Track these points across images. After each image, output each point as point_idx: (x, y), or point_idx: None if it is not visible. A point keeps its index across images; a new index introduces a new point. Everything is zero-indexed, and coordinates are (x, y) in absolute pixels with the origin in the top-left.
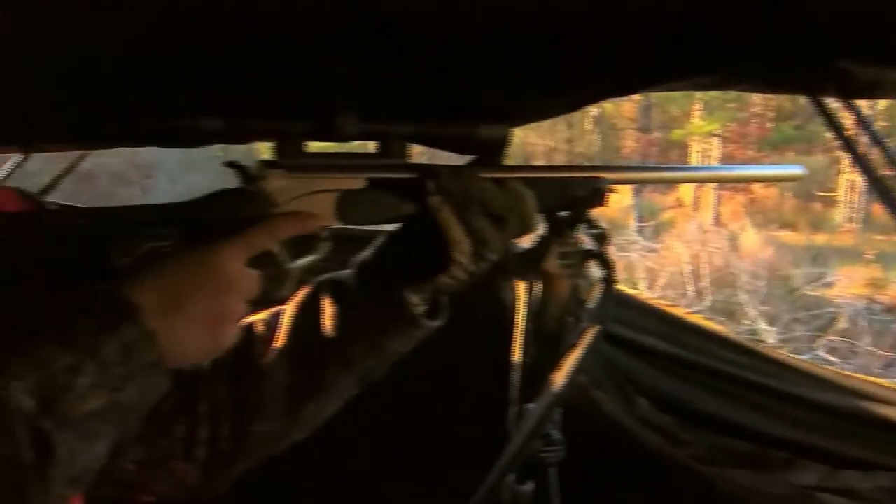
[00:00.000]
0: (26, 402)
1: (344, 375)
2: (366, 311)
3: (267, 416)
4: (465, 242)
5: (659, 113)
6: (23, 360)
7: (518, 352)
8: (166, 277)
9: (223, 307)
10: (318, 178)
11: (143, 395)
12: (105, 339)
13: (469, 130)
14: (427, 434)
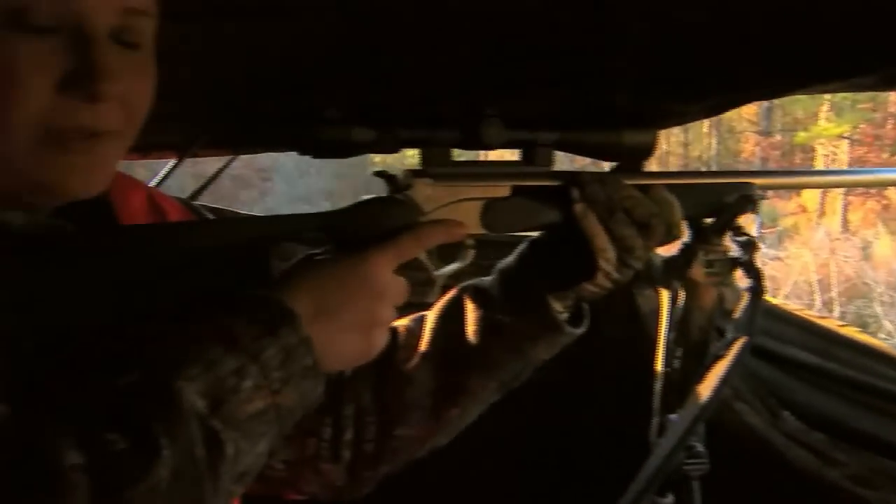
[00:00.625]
0: (198, 403)
1: (487, 381)
2: (509, 317)
3: (410, 421)
4: (609, 250)
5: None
6: (193, 362)
7: (660, 361)
8: (321, 284)
9: (375, 314)
10: (464, 187)
11: (300, 399)
12: (267, 344)
13: (614, 137)
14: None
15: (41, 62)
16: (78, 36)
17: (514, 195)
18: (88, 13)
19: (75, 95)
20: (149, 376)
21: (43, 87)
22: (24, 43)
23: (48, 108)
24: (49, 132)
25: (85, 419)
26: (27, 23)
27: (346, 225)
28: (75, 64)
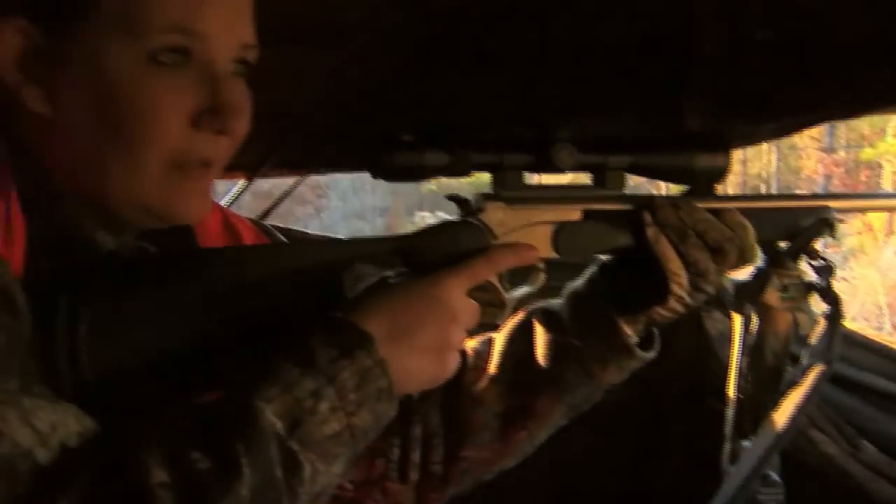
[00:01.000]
0: (277, 424)
1: (556, 404)
2: (579, 340)
3: (478, 442)
4: (682, 274)
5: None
6: (272, 383)
7: (732, 386)
8: (395, 307)
9: (448, 337)
10: (536, 210)
11: (374, 420)
12: (343, 366)
13: (686, 160)
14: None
15: (175, 99)
16: (206, 73)
17: (586, 219)
18: (214, 52)
19: (206, 130)
20: (230, 396)
21: (178, 122)
22: (159, 81)
23: (179, 142)
24: (174, 163)
25: (169, 438)
26: (161, 62)
27: (420, 248)
28: (205, 100)
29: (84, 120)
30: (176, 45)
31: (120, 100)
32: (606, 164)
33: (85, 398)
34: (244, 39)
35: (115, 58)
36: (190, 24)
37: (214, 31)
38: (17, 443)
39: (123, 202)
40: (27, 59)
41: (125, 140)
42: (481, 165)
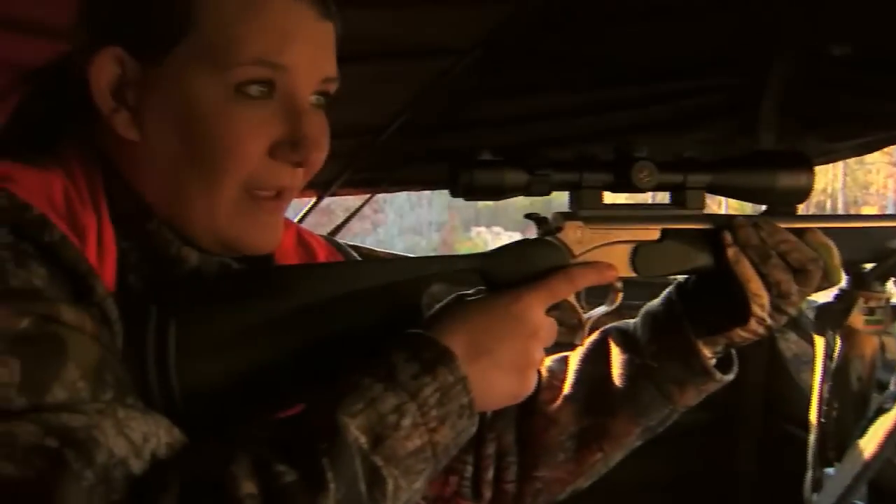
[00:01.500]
0: (361, 438)
1: (632, 426)
2: (656, 361)
3: (552, 463)
4: (764, 296)
5: None
6: (356, 398)
7: (814, 412)
8: (475, 324)
9: (527, 354)
10: (614, 229)
11: (455, 437)
12: (425, 383)
13: (768, 179)
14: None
15: (257, 130)
16: (287, 105)
17: (665, 238)
18: (297, 86)
19: (283, 161)
20: (313, 411)
21: (257, 152)
22: (242, 112)
23: (256, 170)
24: (248, 191)
25: (255, 450)
26: (245, 94)
27: (498, 266)
28: (285, 132)
29: (167, 145)
30: (261, 77)
31: (203, 127)
32: (686, 182)
33: (173, 409)
34: (326, 73)
35: (201, 87)
36: (275, 58)
37: (298, 64)
38: (112, 452)
39: (200, 227)
40: (119, 85)
41: (205, 166)
42: (560, 184)
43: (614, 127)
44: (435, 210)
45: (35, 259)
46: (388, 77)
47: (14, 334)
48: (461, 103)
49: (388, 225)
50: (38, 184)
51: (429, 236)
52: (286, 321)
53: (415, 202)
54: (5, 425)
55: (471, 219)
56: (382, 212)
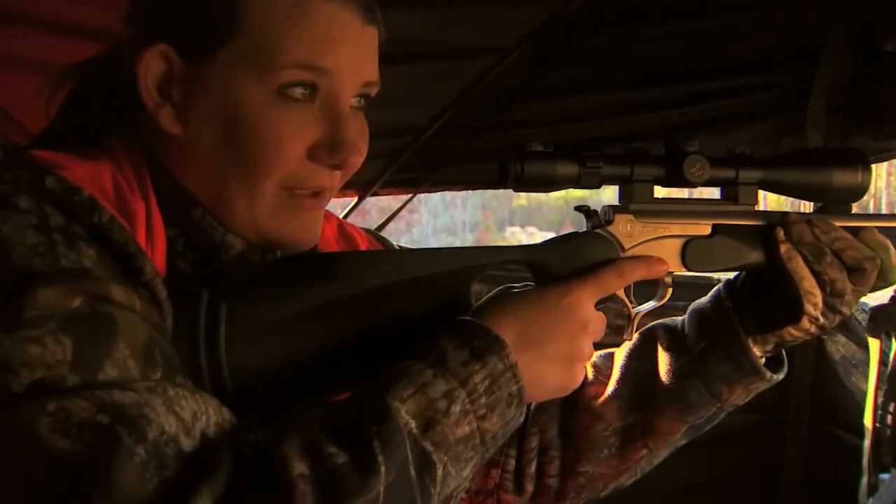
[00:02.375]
0: (411, 423)
1: (678, 423)
2: (704, 359)
3: (595, 458)
4: (817, 294)
5: None
6: (407, 383)
7: (869, 416)
8: (524, 314)
9: (576, 347)
10: (665, 224)
11: (503, 425)
12: (475, 370)
13: (823, 176)
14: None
15: (297, 132)
16: (328, 108)
17: (716, 234)
18: (340, 89)
19: (321, 162)
20: (363, 395)
21: (296, 153)
22: (283, 113)
23: (295, 171)
24: (287, 190)
25: (306, 431)
26: (287, 95)
27: (547, 258)
28: (325, 135)
29: (210, 141)
30: (303, 80)
31: (244, 127)
32: (738, 178)
33: (223, 391)
34: (368, 77)
35: (244, 88)
36: (319, 62)
37: (341, 68)
38: (163, 429)
39: (241, 222)
40: (165, 81)
41: (245, 165)
42: (611, 177)
43: (659, 126)
44: (469, 210)
45: (84, 240)
46: (431, 77)
47: (66, 313)
48: (503, 103)
49: (423, 225)
50: (87, 172)
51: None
52: (336, 307)
53: (448, 202)
54: (59, 402)
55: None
56: (417, 212)
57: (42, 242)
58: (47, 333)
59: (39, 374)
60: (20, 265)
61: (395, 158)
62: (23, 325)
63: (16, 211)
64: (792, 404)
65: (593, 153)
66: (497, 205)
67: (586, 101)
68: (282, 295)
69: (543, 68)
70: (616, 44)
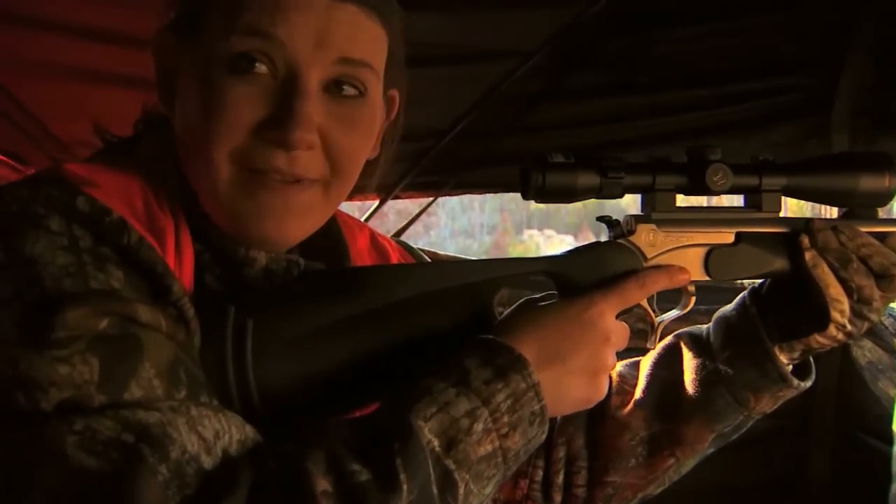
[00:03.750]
0: (434, 441)
1: (706, 432)
2: (730, 367)
3: (622, 468)
4: (844, 301)
5: None
6: (429, 402)
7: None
8: (547, 329)
9: (599, 360)
10: (687, 233)
11: (525, 443)
12: (498, 389)
13: (849, 181)
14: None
15: (244, 104)
16: (289, 85)
17: (739, 242)
18: (300, 65)
19: (268, 140)
20: (386, 412)
21: (238, 126)
22: (236, 85)
23: (243, 148)
24: (248, 171)
25: (330, 448)
26: (246, 69)
27: (570, 269)
28: (276, 110)
29: (179, 119)
30: (253, 48)
31: (199, 99)
32: (761, 185)
33: (250, 407)
34: (341, 52)
35: (204, 61)
36: (268, 27)
37: (297, 39)
38: (185, 448)
39: (210, 210)
40: (171, 73)
41: (196, 139)
42: (633, 187)
43: (681, 129)
44: (487, 213)
45: (113, 262)
46: (452, 80)
47: (94, 334)
48: (525, 106)
49: (440, 227)
50: (117, 187)
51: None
52: (361, 321)
53: (466, 205)
54: (86, 420)
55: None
56: (434, 214)
57: (72, 263)
58: (75, 353)
59: (67, 394)
60: (51, 285)
61: (416, 162)
62: (52, 344)
63: (47, 232)
64: (816, 410)
65: (615, 163)
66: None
67: (608, 105)
68: (306, 310)
69: (565, 71)
70: (638, 47)
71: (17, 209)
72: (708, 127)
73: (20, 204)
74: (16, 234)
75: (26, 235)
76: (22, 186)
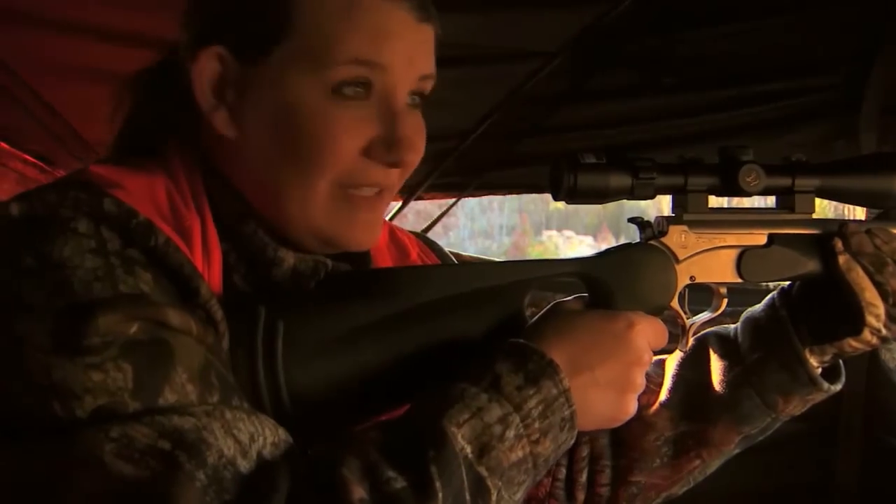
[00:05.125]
0: (467, 448)
1: (733, 434)
2: (758, 369)
3: (647, 468)
4: (879, 306)
5: None
6: (462, 408)
7: None
8: (579, 338)
9: (628, 378)
10: (720, 234)
11: (555, 449)
12: (529, 395)
13: (884, 182)
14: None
15: (353, 129)
16: (384, 105)
17: (772, 243)
18: (395, 86)
19: (377, 160)
20: (419, 418)
21: (352, 150)
22: (338, 111)
23: (348, 171)
24: (343, 190)
25: (364, 455)
26: (342, 94)
27: (601, 271)
28: (380, 132)
29: (264, 143)
30: (358, 77)
31: (299, 126)
32: (794, 186)
33: (281, 409)
34: (422, 70)
35: (300, 86)
36: (374, 56)
37: (395, 64)
38: (222, 453)
39: (298, 225)
40: (220, 83)
41: (300, 164)
42: (665, 188)
43: (706, 130)
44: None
45: (141, 264)
46: (476, 81)
47: (125, 340)
48: (548, 107)
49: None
50: (143, 188)
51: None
52: (391, 322)
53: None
54: (122, 428)
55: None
56: (454, 215)
57: (101, 266)
58: (108, 360)
59: (102, 401)
60: (80, 290)
61: (439, 163)
62: (85, 351)
63: (75, 234)
64: (843, 413)
65: (647, 164)
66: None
67: (631, 106)
68: (337, 311)
69: (588, 72)
70: (662, 47)
71: (44, 213)
72: (733, 128)
73: (48, 207)
74: (44, 238)
75: (54, 239)
76: (49, 190)
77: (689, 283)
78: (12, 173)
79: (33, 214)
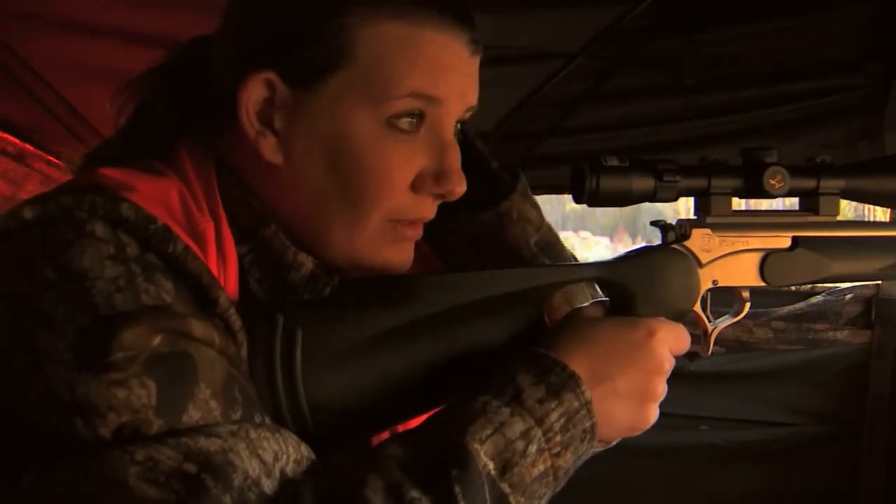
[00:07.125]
0: (490, 465)
1: None
2: None
3: None
4: None
5: None
6: (484, 424)
7: None
8: (600, 347)
9: (649, 387)
10: (743, 237)
11: (575, 461)
12: (551, 408)
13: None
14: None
15: (405, 163)
16: (434, 137)
17: (796, 246)
18: (445, 118)
19: (425, 192)
20: (441, 434)
21: (403, 185)
22: (392, 144)
23: (400, 204)
24: (391, 223)
25: (387, 473)
26: (398, 127)
27: (623, 276)
28: (430, 164)
29: (313, 172)
30: (413, 109)
31: (352, 158)
32: (819, 188)
33: (300, 419)
34: (471, 102)
35: (354, 117)
36: (432, 90)
37: (451, 97)
38: (247, 474)
39: (338, 250)
40: (266, 108)
41: (351, 198)
42: (688, 190)
43: (727, 131)
44: None
45: (161, 272)
46: (495, 82)
47: (148, 354)
48: (568, 108)
49: None
50: (155, 191)
51: None
52: (410, 331)
53: None
54: (146, 450)
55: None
56: None
57: (121, 275)
58: (132, 377)
59: (126, 419)
60: (102, 302)
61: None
62: (109, 368)
63: (93, 240)
64: (868, 416)
65: (670, 166)
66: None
67: (652, 106)
68: (356, 318)
69: (609, 73)
70: (683, 47)
71: (60, 217)
72: (754, 129)
73: (63, 211)
74: (62, 247)
75: (72, 247)
76: (65, 193)
77: (711, 287)
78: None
79: (49, 218)
